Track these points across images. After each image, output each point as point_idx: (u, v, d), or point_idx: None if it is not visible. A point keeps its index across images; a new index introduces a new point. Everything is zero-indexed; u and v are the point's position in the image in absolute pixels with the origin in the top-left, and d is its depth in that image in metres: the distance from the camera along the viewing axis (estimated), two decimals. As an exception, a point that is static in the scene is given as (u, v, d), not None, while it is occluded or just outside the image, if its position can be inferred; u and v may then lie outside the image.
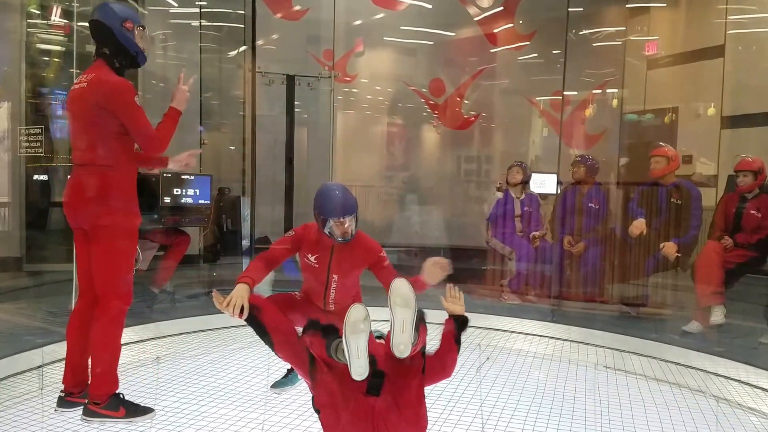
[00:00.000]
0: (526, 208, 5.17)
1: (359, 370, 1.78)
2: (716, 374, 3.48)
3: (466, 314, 2.12)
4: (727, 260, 4.06)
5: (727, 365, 3.50)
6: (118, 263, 2.56)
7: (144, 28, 2.65)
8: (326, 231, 2.64)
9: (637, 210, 4.51)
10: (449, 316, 2.11)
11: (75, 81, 2.60)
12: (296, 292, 2.93)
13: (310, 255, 2.73)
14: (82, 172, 2.55)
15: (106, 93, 2.47)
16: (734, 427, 2.78)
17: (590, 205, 4.94)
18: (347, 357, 1.79)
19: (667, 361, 3.72)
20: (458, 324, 2.09)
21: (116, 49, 2.56)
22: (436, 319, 2.26)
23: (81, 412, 2.54)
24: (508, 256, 5.19)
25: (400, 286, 1.83)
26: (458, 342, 2.06)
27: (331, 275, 2.75)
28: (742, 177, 4.19)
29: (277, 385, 3.04)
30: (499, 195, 5.20)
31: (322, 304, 2.82)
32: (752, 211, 4.14)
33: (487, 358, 3.69)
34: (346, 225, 2.61)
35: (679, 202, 4.39)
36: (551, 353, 3.91)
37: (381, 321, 3.43)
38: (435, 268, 2.50)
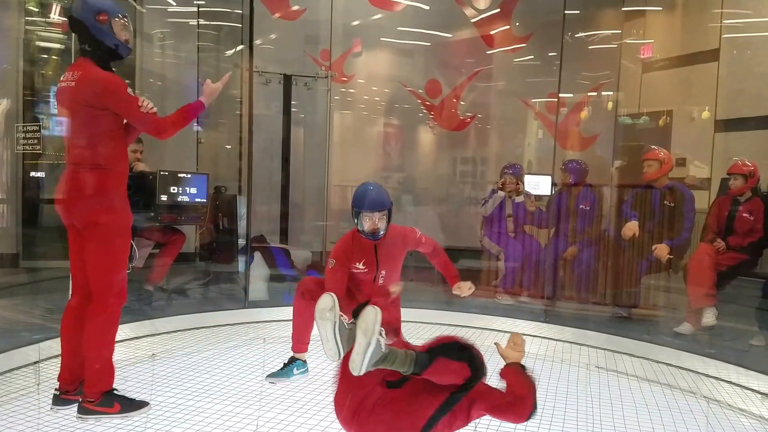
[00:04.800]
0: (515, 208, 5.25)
1: (329, 352, 1.87)
2: (707, 375, 3.52)
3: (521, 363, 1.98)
4: (719, 263, 4.10)
5: (718, 366, 3.54)
6: (111, 261, 2.55)
7: (125, 17, 2.55)
8: (359, 227, 2.81)
9: (630, 212, 4.54)
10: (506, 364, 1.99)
11: (61, 78, 2.54)
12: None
13: (358, 264, 2.89)
14: (75, 171, 2.52)
15: (98, 91, 2.44)
16: (724, 428, 2.81)
17: (581, 206, 5.00)
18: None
19: (658, 362, 3.76)
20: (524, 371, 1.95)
21: (94, 43, 2.49)
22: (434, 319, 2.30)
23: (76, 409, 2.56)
24: (498, 255, 5.24)
25: (369, 313, 1.78)
26: (532, 390, 1.89)
27: (380, 271, 2.94)
28: (734, 180, 4.24)
29: (273, 375, 3.11)
30: (502, 194, 5.23)
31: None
32: (744, 214, 4.18)
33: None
34: (375, 220, 2.78)
35: (672, 204, 4.43)
36: (544, 353, 3.95)
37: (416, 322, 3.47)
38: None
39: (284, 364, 3.18)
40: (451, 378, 1.79)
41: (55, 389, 2.66)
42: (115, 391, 2.62)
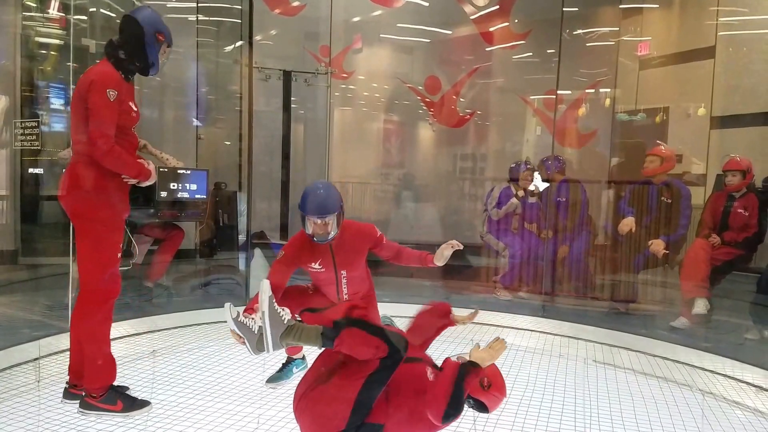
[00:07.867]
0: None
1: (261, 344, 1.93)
2: (703, 369, 3.57)
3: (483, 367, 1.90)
4: (715, 258, 4.15)
5: (714, 360, 3.59)
6: (97, 256, 2.54)
7: (169, 49, 2.72)
8: (305, 229, 2.64)
9: (626, 208, 4.58)
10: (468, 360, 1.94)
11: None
12: (309, 285, 2.99)
13: (313, 264, 2.74)
14: (72, 163, 2.55)
15: (84, 80, 2.48)
16: (719, 420, 2.85)
17: (558, 199, 5.11)
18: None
19: (655, 355, 3.80)
20: (463, 370, 1.88)
21: (137, 51, 2.57)
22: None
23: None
24: (502, 252, 5.27)
25: (261, 286, 1.90)
26: (457, 392, 1.82)
27: (340, 273, 2.79)
28: (731, 176, 4.28)
29: (272, 379, 3.08)
30: (517, 203, 5.28)
31: (336, 300, 2.86)
32: (739, 210, 4.22)
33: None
34: (322, 225, 2.58)
35: (669, 200, 4.47)
36: (542, 348, 3.98)
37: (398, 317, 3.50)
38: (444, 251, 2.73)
39: (282, 365, 3.16)
40: (367, 351, 1.80)
41: (66, 382, 2.67)
42: (118, 389, 2.63)
